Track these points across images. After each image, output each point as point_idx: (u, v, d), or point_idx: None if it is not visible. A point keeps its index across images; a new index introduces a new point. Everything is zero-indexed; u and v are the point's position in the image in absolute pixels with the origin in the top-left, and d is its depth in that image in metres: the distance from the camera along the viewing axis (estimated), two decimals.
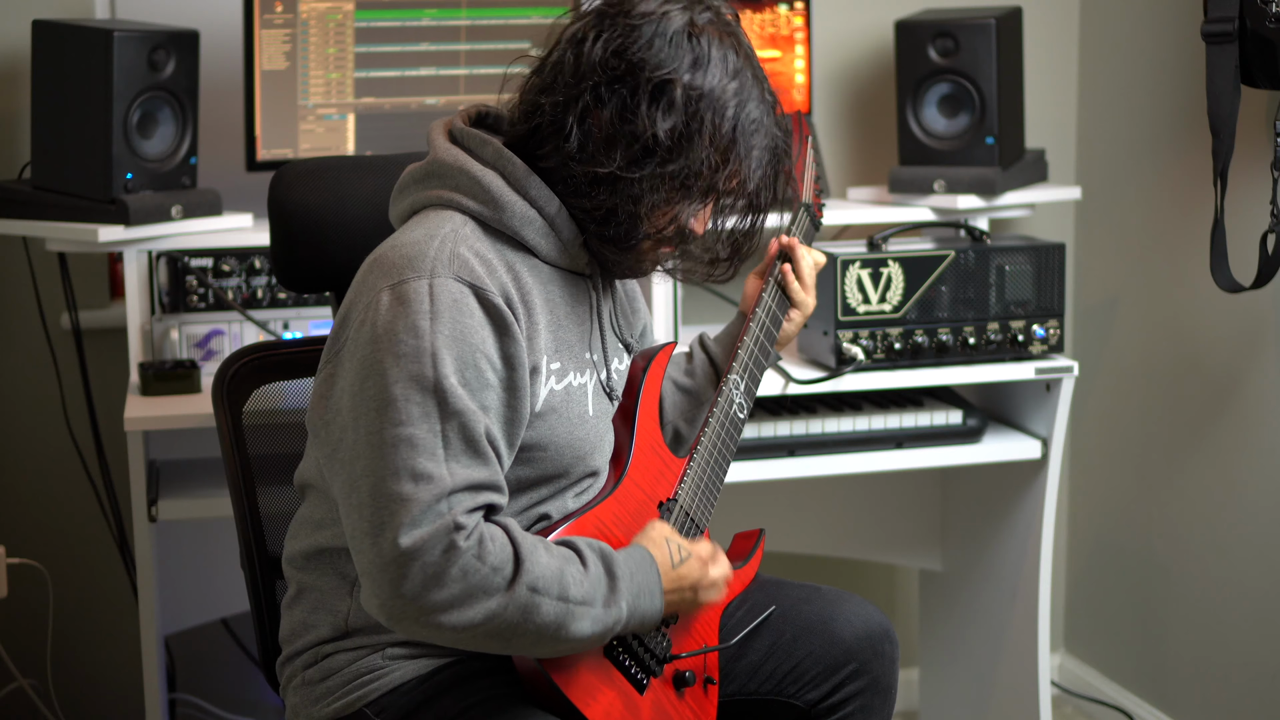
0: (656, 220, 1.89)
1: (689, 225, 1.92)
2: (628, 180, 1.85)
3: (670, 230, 1.91)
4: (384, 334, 1.80)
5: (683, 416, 2.27)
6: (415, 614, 1.76)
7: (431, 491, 1.75)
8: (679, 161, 1.85)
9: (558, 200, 1.90)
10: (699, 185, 1.88)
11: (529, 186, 1.89)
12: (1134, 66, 3.29)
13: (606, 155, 1.84)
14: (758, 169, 1.91)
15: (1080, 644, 3.61)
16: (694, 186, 1.87)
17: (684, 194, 1.88)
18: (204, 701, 3.21)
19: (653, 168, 1.84)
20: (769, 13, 3.13)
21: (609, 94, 1.84)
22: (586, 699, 1.90)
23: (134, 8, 2.94)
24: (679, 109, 1.83)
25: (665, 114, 1.83)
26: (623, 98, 1.83)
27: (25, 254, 2.97)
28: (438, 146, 1.94)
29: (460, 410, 1.78)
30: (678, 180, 1.86)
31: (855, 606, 2.17)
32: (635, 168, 1.84)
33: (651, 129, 1.83)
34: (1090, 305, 3.47)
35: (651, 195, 1.86)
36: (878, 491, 3.29)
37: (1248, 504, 3.03)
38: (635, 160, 1.84)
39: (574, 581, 1.81)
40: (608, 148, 1.84)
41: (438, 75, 2.94)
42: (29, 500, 3.15)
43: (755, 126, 1.89)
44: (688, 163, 1.85)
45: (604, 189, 1.86)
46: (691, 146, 1.85)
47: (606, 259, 1.95)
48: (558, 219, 1.91)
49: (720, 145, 1.86)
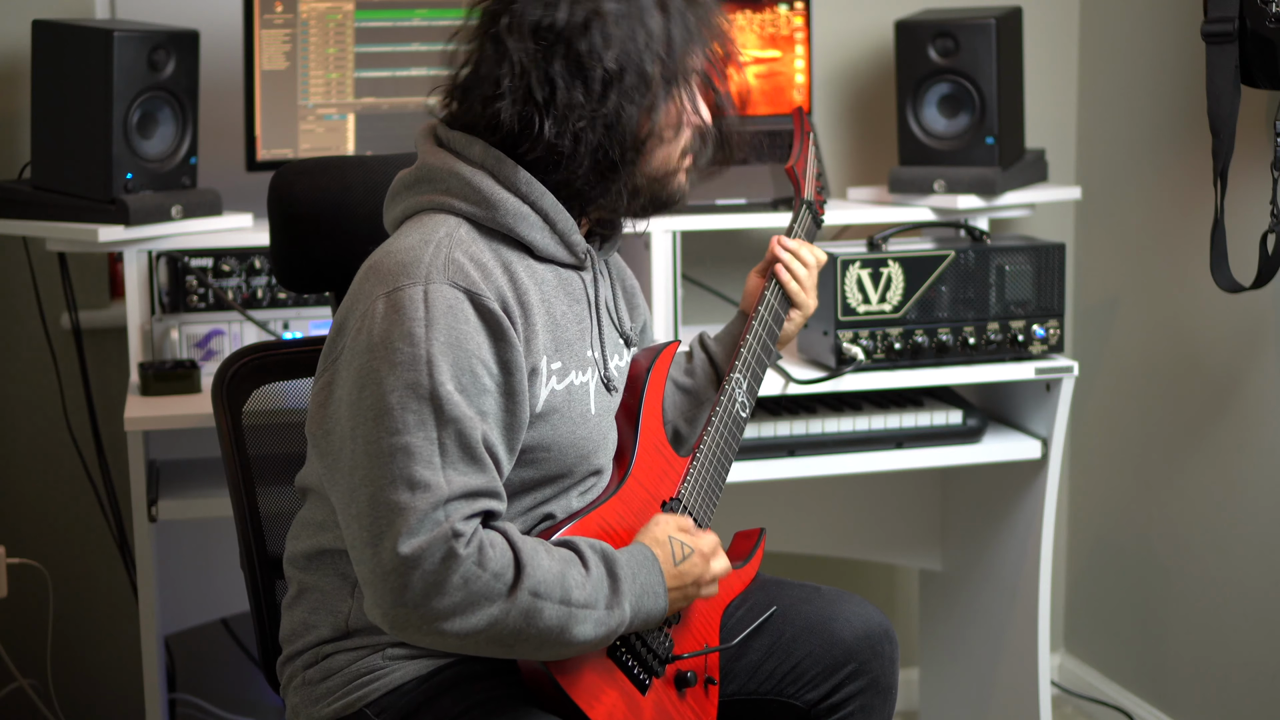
0: (643, 130, 1.90)
1: (672, 118, 1.93)
2: (604, 115, 1.87)
3: (660, 130, 1.92)
4: (380, 342, 1.80)
5: (683, 416, 2.27)
6: (418, 622, 1.76)
7: (428, 500, 1.75)
8: (631, 75, 1.88)
9: (548, 191, 1.91)
10: (657, 79, 1.90)
11: (519, 181, 1.90)
12: (1134, 66, 3.29)
13: (576, 112, 1.87)
14: (703, 40, 1.95)
15: (1080, 644, 3.61)
16: (653, 83, 1.89)
17: (649, 93, 1.90)
18: (204, 701, 3.21)
19: (614, 90, 1.87)
20: (769, 13, 3.13)
21: (550, 66, 1.87)
22: (590, 700, 1.90)
23: (134, 8, 2.94)
24: (605, 31, 1.87)
25: (599, 43, 1.86)
26: (562, 60, 1.87)
27: (25, 254, 2.97)
28: (425, 151, 1.96)
29: (457, 417, 1.78)
30: (640, 86, 1.88)
31: (855, 606, 2.17)
32: (604, 98, 1.87)
33: (596, 61, 1.86)
34: (1090, 305, 3.47)
35: (628, 111, 1.88)
36: (878, 491, 3.29)
37: (1248, 504, 3.03)
38: (600, 96, 1.87)
39: (576, 584, 1.81)
40: (573, 107, 1.87)
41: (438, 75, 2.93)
42: (29, 500, 3.15)
43: (680, 6, 1.93)
44: (640, 71, 1.88)
45: (591, 137, 1.88)
46: (635, 50, 1.88)
47: (624, 203, 1.95)
48: (551, 210, 1.92)
49: (660, 35, 1.90)
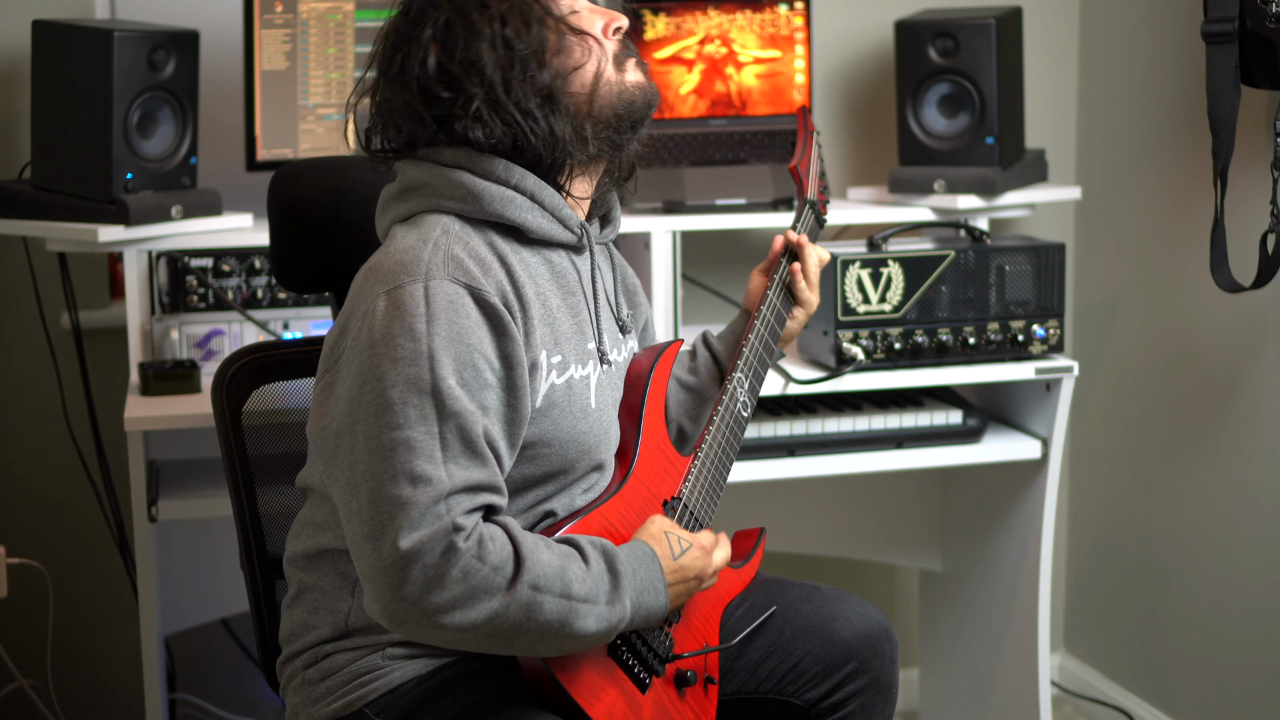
0: (541, 79, 1.89)
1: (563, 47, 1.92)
2: (499, 83, 1.88)
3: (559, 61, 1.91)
4: (381, 339, 1.80)
5: (686, 414, 2.27)
6: (417, 616, 1.76)
7: (430, 494, 1.75)
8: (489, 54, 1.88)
9: (528, 172, 1.92)
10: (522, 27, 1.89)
11: (496, 168, 1.91)
12: (1134, 66, 3.29)
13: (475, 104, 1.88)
14: None
15: (1080, 644, 3.61)
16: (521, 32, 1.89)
17: (530, 39, 1.89)
18: (204, 701, 3.21)
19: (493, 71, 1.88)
20: (769, 13, 3.13)
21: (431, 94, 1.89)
22: (590, 698, 1.90)
23: (134, 8, 2.94)
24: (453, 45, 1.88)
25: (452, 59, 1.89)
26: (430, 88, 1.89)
27: (25, 254, 2.97)
28: (401, 166, 1.97)
29: (458, 411, 1.78)
30: (513, 37, 1.89)
31: (855, 606, 2.17)
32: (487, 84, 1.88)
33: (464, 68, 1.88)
34: (1090, 305, 3.47)
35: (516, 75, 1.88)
36: (878, 491, 3.29)
37: (1248, 504, 3.03)
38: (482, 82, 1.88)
39: (576, 579, 1.81)
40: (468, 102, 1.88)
41: None
42: (29, 500, 3.15)
43: None
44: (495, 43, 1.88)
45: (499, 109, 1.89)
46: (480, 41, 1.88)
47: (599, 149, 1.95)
48: (535, 189, 1.93)
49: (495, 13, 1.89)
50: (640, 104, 1.97)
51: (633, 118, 1.97)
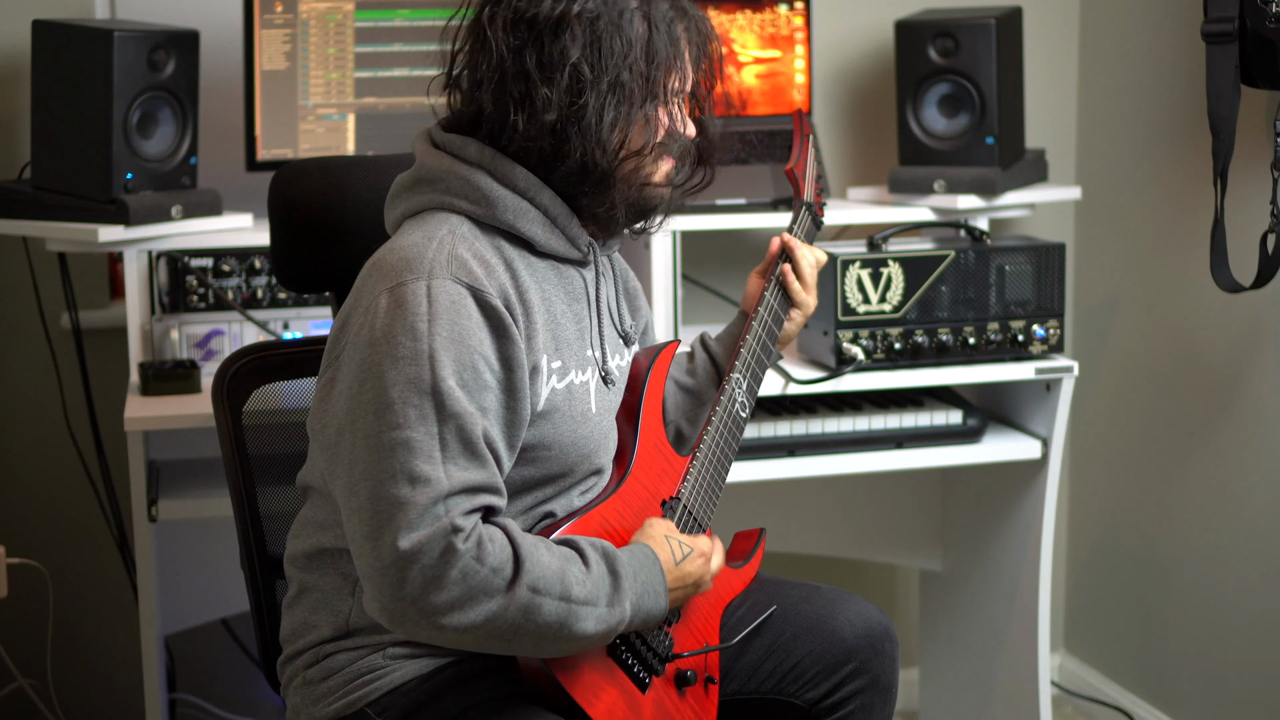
0: (619, 139, 1.91)
1: (654, 132, 1.94)
2: (575, 118, 1.88)
3: (638, 143, 1.93)
4: (382, 337, 1.80)
5: (684, 415, 2.27)
6: (416, 616, 1.76)
7: (428, 494, 1.75)
8: (608, 76, 1.88)
9: (544, 184, 1.92)
10: (638, 88, 1.90)
11: (516, 178, 1.91)
12: (1134, 66, 3.29)
13: (548, 108, 1.87)
14: (688, 52, 1.96)
15: (1080, 644, 3.61)
16: (634, 92, 1.90)
17: (628, 102, 1.90)
18: (204, 701, 3.21)
19: (589, 94, 1.88)
20: (769, 13, 3.13)
21: (525, 59, 1.88)
22: (590, 697, 1.90)
23: (134, 8, 2.94)
24: (581, 32, 1.88)
25: (572, 42, 1.87)
26: (536, 55, 1.88)
27: (25, 254, 2.97)
28: (423, 154, 1.97)
29: (458, 412, 1.78)
30: (616, 93, 1.89)
31: (855, 606, 2.17)
32: (574, 102, 1.87)
33: (567, 62, 1.87)
34: (1090, 305, 3.47)
35: (603, 118, 1.88)
36: (878, 491, 3.29)
37: (1248, 504, 3.03)
38: (572, 95, 1.87)
39: (576, 581, 1.81)
40: (546, 102, 1.87)
41: (438, 75, 2.93)
42: (29, 500, 3.15)
43: (667, 16, 1.93)
44: (615, 73, 1.88)
45: (564, 140, 1.89)
46: (611, 57, 1.88)
47: (606, 211, 1.96)
48: (549, 204, 1.93)
49: (640, 45, 1.90)
50: (650, 211, 2.01)
51: (641, 213, 2.01)
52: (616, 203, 1.95)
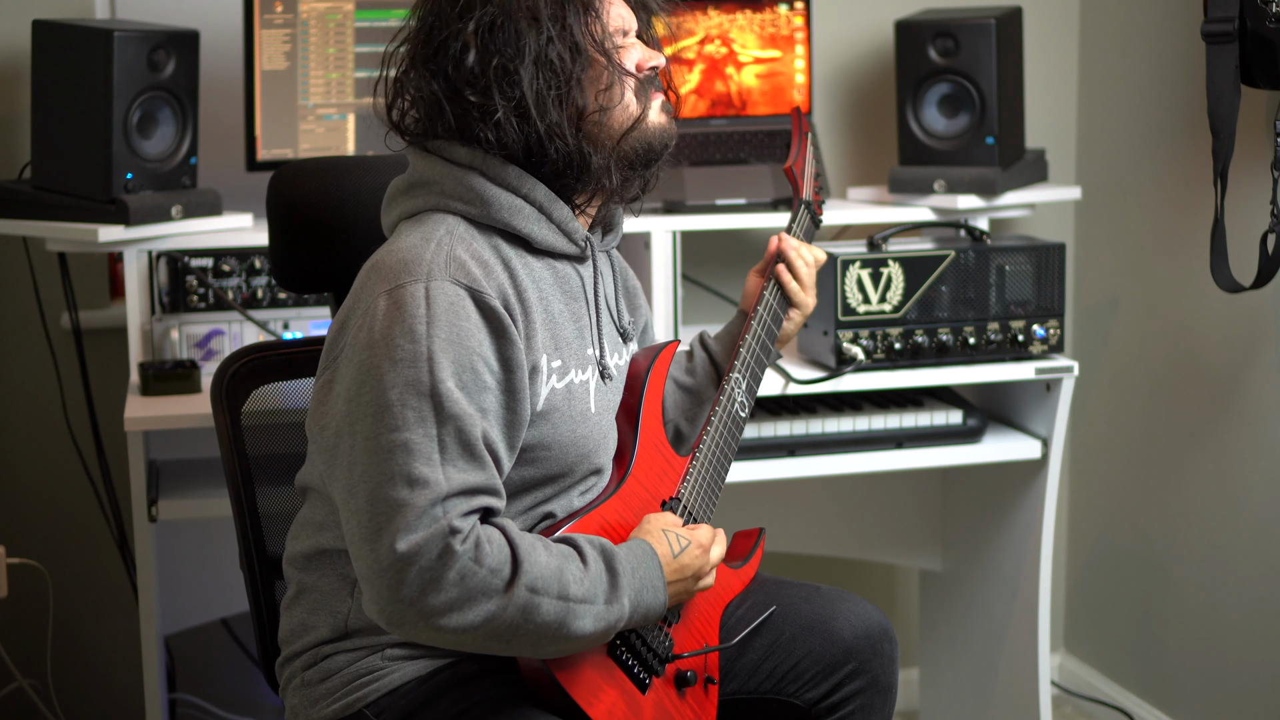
0: (571, 110, 1.90)
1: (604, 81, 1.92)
2: (522, 113, 1.87)
3: (591, 104, 1.91)
4: (380, 339, 1.80)
5: (684, 415, 2.27)
6: (415, 618, 1.76)
7: (427, 496, 1.75)
8: (526, 59, 1.87)
9: (540, 183, 1.92)
10: (559, 56, 1.88)
11: (509, 176, 1.91)
12: (1134, 66, 3.29)
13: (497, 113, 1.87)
14: None
15: (1080, 644, 3.61)
16: (558, 60, 1.88)
17: (558, 74, 1.88)
18: (204, 701, 3.21)
19: (522, 87, 1.87)
20: (769, 13, 3.13)
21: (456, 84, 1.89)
22: (590, 698, 1.90)
23: (134, 8, 2.94)
24: (484, 40, 1.87)
25: (481, 53, 1.88)
26: (461, 78, 1.88)
27: (25, 254, 2.97)
28: (415, 157, 1.97)
29: (457, 414, 1.78)
30: (543, 71, 1.88)
31: (855, 606, 2.17)
32: (514, 99, 1.87)
33: (488, 69, 1.87)
34: (1090, 305, 3.47)
35: (545, 100, 1.88)
36: (878, 491, 3.29)
37: (1248, 504, 3.03)
38: (508, 95, 1.87)
39: (574, 580, 1.81)
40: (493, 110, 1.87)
41: None
42: (29, 500, 3.15)
43: None
44: (535, 53, 1.87)
45: (529, 135, 1.88)
46: (519, 42, 1.87)
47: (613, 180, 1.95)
48: (545, 201, 1.93)
49: (543, 16, 1.88)
50: (658, 146, 1.98)
51: (650, 158, 1.98)
52: (608, 167, 1.94)
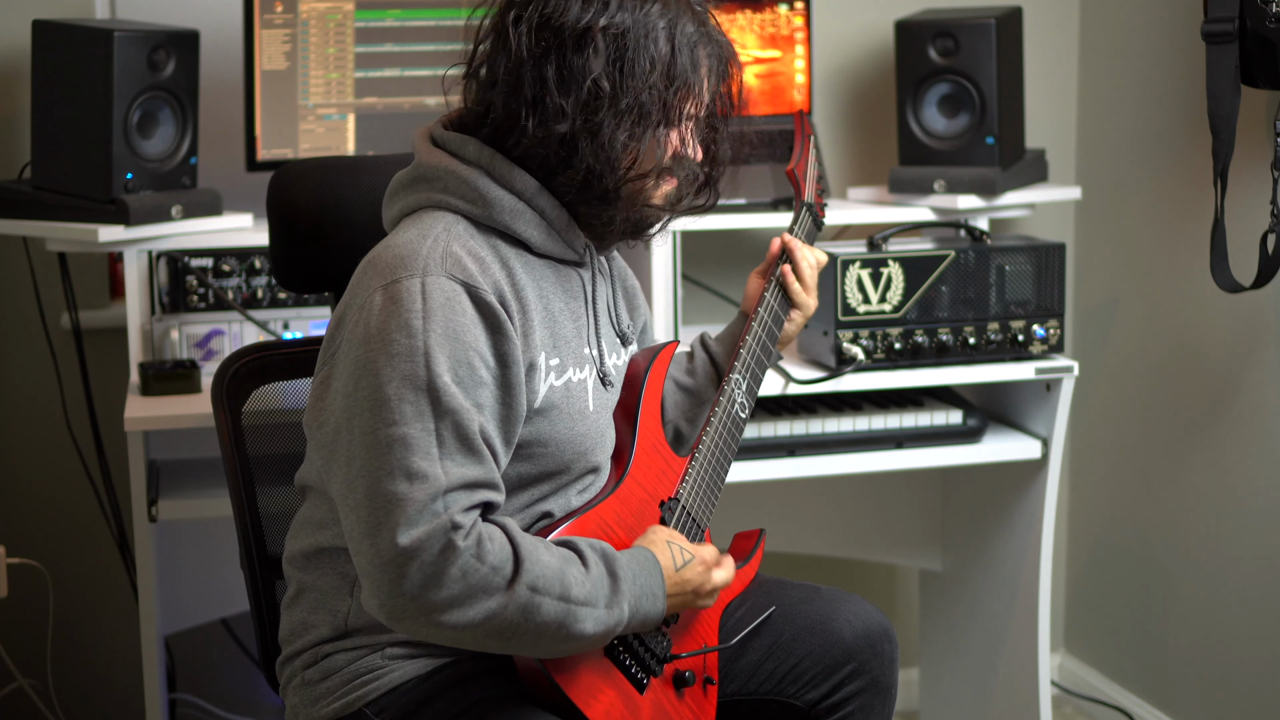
0: (629, 159, 1.90)
1: (664, 155, 1.93)
2: (589, 132, 1.87)
3: (648, 165, 1.92)
4: (377, 334, 1.80)
5: (684, 416, 2.27)
6: (415, 613, 1.76)
7: (426, 490, 1.75)
8: (627, 96, 1.87)
9: (543, 188, 1.92)
10: (655, 110, 1.89)
11: (514, 179, 1.91)
12: (1134, 66, 3.29)
13: (561, 118, 1.87)
14: (708, 78, 1.95)
15: (1080, 644, 3.61)
16: (651, 113, 1.89)
17: (644, 123, 1.89)
18: (204, 701, 3.21)
19: (605, 111, 1.87)
20: (769, 13, 3.13)
21: (545, 66, 1.87)
22: (587, 698, 1.90)
23: (134, 8, 2.94)
24: (605, 48, 1.86)
25: (594, 57, 1.86)
26: (557, 63, 1.87)
27: (25, 254, 2.97)
28: (422, 151, 1.97)
29: (454, 408, 1.78)
30: (634, 113, 1.88)
31: (855, 606, 2.17)
32: (590, 117, 1.87)
33: (588, 76, 1.86)
34: (1090, 305, 3.47)
35: (616, 136, 1.88)
36: (878, 491, 3.29)
37: (1248, 504, 3.03)
38: (588, 111, 1.87)
39: (575, 581, 1.81)
40: (559, 112, 1.86)
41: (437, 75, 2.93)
42: (29, 500, 3.15)
43: (691, 39, 1.92)
44: (635, 93, 1.87)
45: (573, 151, 1.88)
46: (633, 77, 1.87)
47: (603, 224, 1.96)
48: (547, 207, 1.92)
49: (661, 67, 1.89)
50: (644, 230, 2.01)
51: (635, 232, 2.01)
52: (615, 219, 1.95)
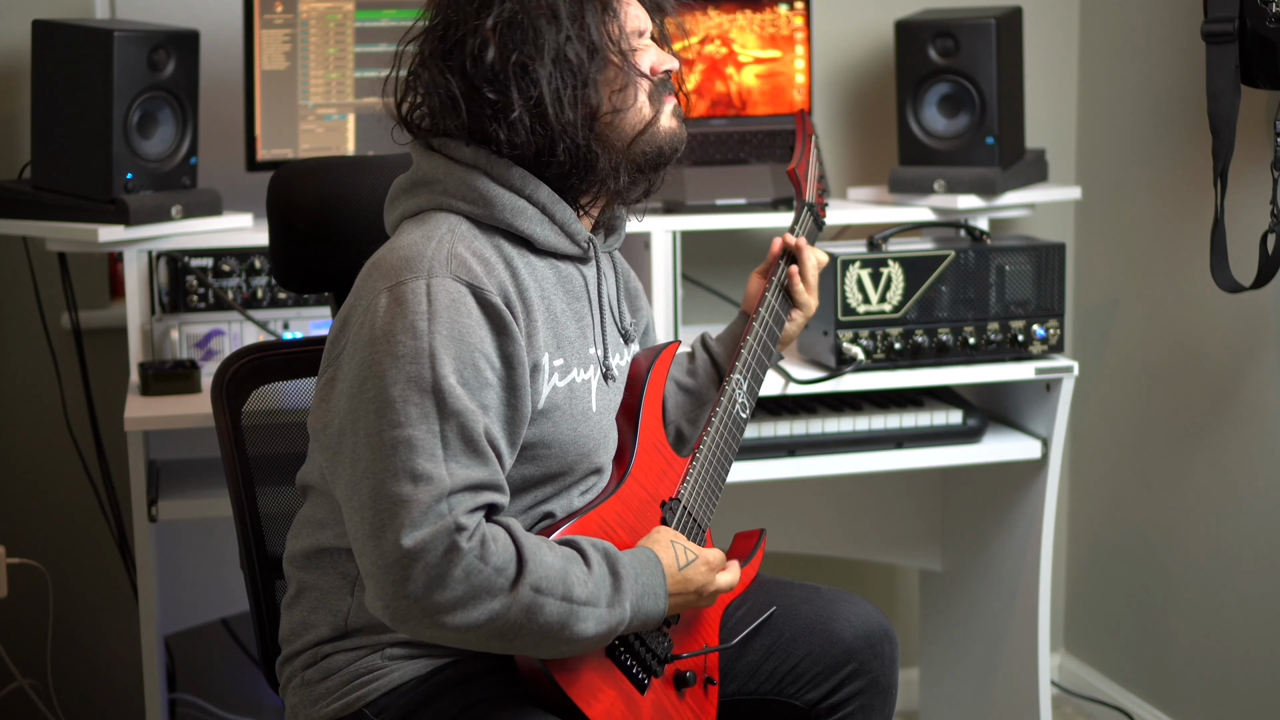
0: (585, 110, 1.90)
1: (619, 83, 1.92)
2: (538, 111, 1.87)
3: (605, 105, 1.92)
4: (382, 335, 1.80)
5: (684, 416, 2.27)
6: (419, 615, 1.76)
7: (431, 492, 1.75)
8: (545, 57, 1.87)
9: (543, 184, 1.92)
10: (577, 55, 1.89)
11: (513, 177, 1.91)
12: (1134, 66, 3.29)
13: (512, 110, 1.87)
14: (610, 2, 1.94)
15: (1080, 644, 3.61)
16: (576, 59, 1.89)
17: (575, 72, 1.89)
18: (204, 701, 3.21)
19: (541, 84, 1.87)
20: (769, 13, 3.13)
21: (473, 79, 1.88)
22: (588, 698, 1.90)
23: (134, 8, 2.94)
24: (503, 35, 1.87)
25: (501, 49, 1.87)
26: (478, 72, 1.88)
27: (25, 254, 2.97)
28: (419, 156, 1.97)
29: (459, 410, 1.78)
30: (560, 69, 1.88)
31: (855, 606, 2.17)
32: (531, 96, 1.87)
33: (507, 65, 1.87)
34: (1090, 305, 3.47)
35: (561, 98, 1.88)
36: (878, 491, 3.29)
37: (1248, 504, 3.03)
38: (525, 92, 1.87)
39: (578, 582, 1.81)
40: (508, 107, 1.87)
41: None
42: (29, 500, 3.15)
43: None
44: (553, 51, 1.88)
45: (542, 134, 1.89)
46: (539, 39, 1.87)
47: (614, 183, 1.95)
48: (548, 202, 1.93)
49: (563, 14, 1.88)
50: (668, 150, 1.99)
51: (659, 162, 1.98)
52: (615, 169, 1.94)
